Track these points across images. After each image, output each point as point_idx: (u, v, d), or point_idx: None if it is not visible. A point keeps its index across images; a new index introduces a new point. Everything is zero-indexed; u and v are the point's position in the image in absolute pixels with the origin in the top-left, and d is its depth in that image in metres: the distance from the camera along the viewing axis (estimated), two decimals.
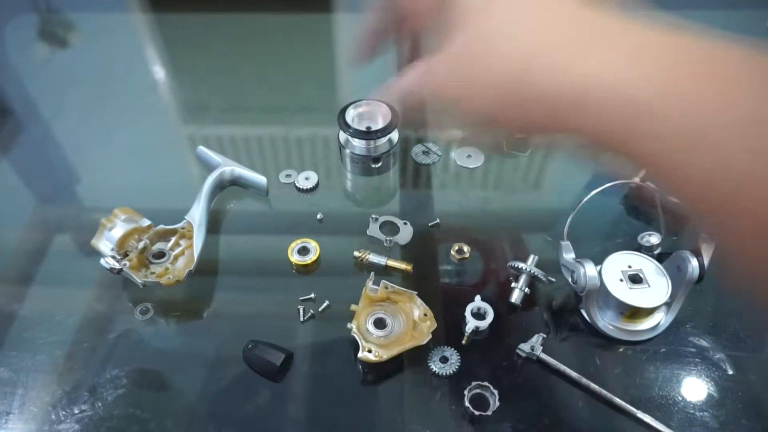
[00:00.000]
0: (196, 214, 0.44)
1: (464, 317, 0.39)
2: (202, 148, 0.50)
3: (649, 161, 0.23)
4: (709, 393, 0.37)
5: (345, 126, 0.46)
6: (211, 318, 0.41)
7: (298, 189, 0.50)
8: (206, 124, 0.58)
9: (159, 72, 0.64)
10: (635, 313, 0.38)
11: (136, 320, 0.40)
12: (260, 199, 0.49)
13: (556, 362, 0.37)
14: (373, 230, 0.45)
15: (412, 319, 0.38)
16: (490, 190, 0.51)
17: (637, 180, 0.45)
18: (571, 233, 0.41)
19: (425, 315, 0.38)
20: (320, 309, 0.41)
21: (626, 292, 0.37)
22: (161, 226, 0.43)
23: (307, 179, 0.50)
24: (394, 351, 0.36)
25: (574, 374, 0.37)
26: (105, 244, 0.41)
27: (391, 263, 0.43)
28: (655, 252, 0.43)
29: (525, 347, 0.38)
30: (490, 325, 0.39)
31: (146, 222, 0.43)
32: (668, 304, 0.39)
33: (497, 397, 0.35)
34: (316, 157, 0.54)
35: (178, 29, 0.72)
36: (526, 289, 0.41)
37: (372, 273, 0.40)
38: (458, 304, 0.40)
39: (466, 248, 0.44)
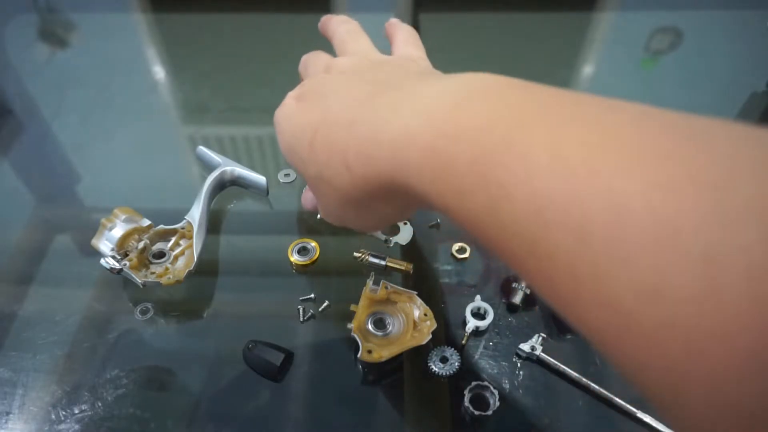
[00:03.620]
0: (196, 214, 0.44)
1: (464, 317, 0.39)
2: (202, 148, 0.50)
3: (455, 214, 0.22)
4: None
5: None
6: (211, 318, 0.41)
7: None
8: (206, 124, 0.58)
9: (159, 72, 0.64)
10: None
11: (136, 320, 0.40)
12: (260, 199, 0.49)
13: (556, 362, 0.37)
14: None
15: (412, 319, 0.38)
16: None
17: None
18: None
19: (425, 315, 0.38)
20: (320, 309, 0.41)
21: None
22: (161, 226, 0.43)
23: None
24: (394, 351, 0.36)
25: (574, 374, 0.37)
26: (105, 244, 0.41)
27: (391, 263, 0.43)
28: None
29: (525, 347, 0.38)
30: (490, 325, 0.39)
31: (146, 222, 0.43)
32: None
33: (497, 397, 0.35)
34: None
35: (178, 29, 0.72)
36: (527, 289, 0.41)
37: (372, 273, 0.40)
38: (458, 304, 0.40)
39: (466, 248, 0.44)
